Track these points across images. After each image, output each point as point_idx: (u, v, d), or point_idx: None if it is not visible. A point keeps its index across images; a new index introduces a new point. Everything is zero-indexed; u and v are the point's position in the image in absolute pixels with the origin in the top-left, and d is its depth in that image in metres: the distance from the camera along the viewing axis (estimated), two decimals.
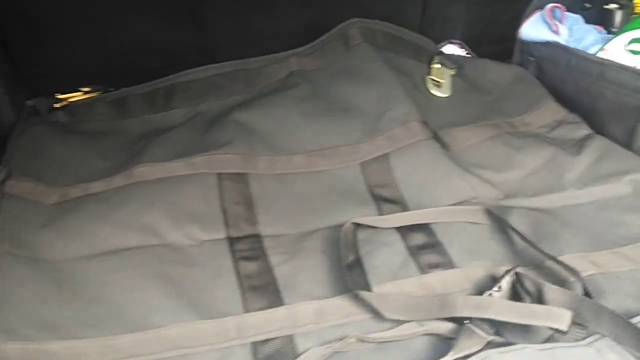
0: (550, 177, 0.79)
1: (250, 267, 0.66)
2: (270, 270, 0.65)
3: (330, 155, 0.83)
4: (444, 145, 0.85)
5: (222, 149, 0.81)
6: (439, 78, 0.99)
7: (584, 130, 0.87)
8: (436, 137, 0.85)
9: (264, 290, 0.62)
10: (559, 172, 0.79)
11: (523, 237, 0.66)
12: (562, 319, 0.52)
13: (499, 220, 0.70)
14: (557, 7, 0.96)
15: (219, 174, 0.78)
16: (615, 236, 0.69)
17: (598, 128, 0.86)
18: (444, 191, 0.77)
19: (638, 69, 0.82)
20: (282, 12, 1.04)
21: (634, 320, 0.53)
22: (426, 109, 0.91)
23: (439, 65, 1.00)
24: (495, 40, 1.09)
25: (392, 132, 0.84)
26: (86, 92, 0.97)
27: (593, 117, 0.87)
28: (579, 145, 0.83)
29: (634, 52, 0.86)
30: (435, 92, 0.98)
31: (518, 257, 0.66)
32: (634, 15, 0.98)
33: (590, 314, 0.54)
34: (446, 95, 0.97)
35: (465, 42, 1.10)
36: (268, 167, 0.81)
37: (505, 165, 0.82)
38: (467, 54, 1.09)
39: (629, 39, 0.86)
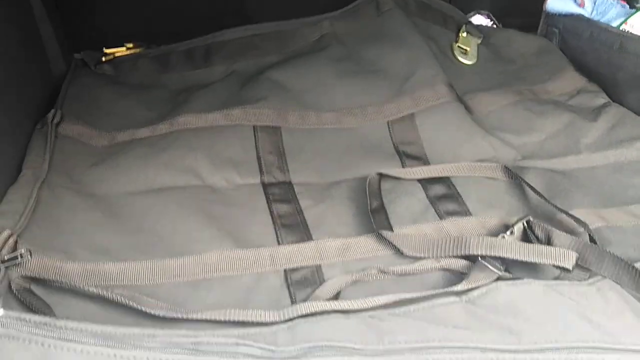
0: (567, 141, 0.83)
1: (282, 208, 0.71)
2: (300, 212, 0.71)
3: (359, 113, 0.88)
4: (467, 109, 0.90)
5: (257, 104, 0.86)
6: (465, 46, 1.03)
7: (601, 98, 0.91)
8: (460, 101, 0.90)
9: (295, 228, 0.68)
10: (576, 136, 0.83)
11: (537, 192, 0.71)
12: (567, 258, 0.57)
13: (515, 177, 0.75)
14: None
15: (255, 126, 0.84)
16: (625, 197, 0.73)
17: (616, 97, 0.90)
18: (466, 150, 0.82)
19: None
20: None
21: (635, 265, 0.58)
22: (452, 74, 0.95)
23: (466, 34, 1.04)
24: (522, 12, 1.13)
25: (418, 93, 0.89)
26: (130, 48, 1.03)
27: (612, 87, 0.91)
28: (596, 113, 0.87)
29: None
30: (461, 59, 1.02)
31: (531, 211, 0.71)
32: None
33: (594, 257, 0.58)
34: (472, 63, 1.01)
35: (492, 14, 1.13)
36: (299, 122, 0.86)
37: (525, 129, 0.86)
38: (493, 24, 1.13)
39: None
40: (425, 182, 0.75)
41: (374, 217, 0.67)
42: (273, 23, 1.02)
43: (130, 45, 1.04)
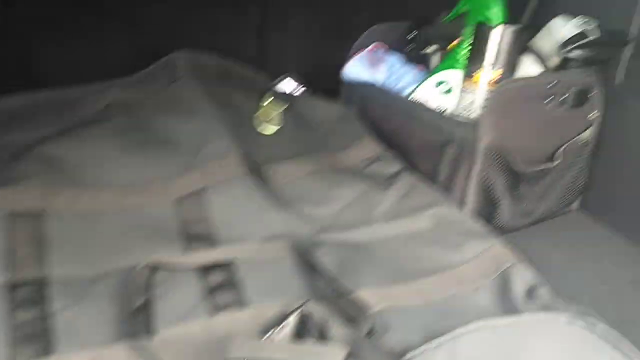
0: (361, 211, 0.82)
1: (24, 315, 0.60)
2: (48, 317, 0.60)
3: (142, 190, 0.79)
4: (266, 180, 0.85)
5: (20, 184, 0.75)
6: (268, 113, 0.99)
7: (395, 166, 0.90)
8: (259, 172, 0.85)
9: (35, 339, 0.57)
10: (369, 206, 0.82)
11: (323, 275, 0.66)
12: (333, 357, 0.52)
13: (304, 255, 0.70)
14: (378, 47, 1.00)
15: (12, 211, 0.72)
16: (414, 269, 0.71)
17: (412, 163, 0.90)
18: (257, 226, 0.76)
19: (439, 110, 0.86)
20: (110, 39, 1.01)
21: (408, 355, 0.54)
22: (252, 143, 0.91)
23: (269, 101, 1.00)
24: (332, 76, 1.12)
25: (209, 166, 0.83)
26: None
27: (407, 154, 0.91)
28: (389, 181, 0.86)
29: (445, 92, 0.91)
30: (263, 127, 0.98)
31: (317, 292, 0.66)
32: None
33: (367, 352, 0.55)
34: (274, 131, 0.98)
35: (301, 78, 1.12)
36: (70, 203, 0.75)
37: (322, 199, 0.83)
38: (302, 89, 1.11)
39: (436, 81, 0.91)
40: (205, 270, 0.68)
41: (133, 319, 0.58)
42: (52, 91, 0.92)
43: None
